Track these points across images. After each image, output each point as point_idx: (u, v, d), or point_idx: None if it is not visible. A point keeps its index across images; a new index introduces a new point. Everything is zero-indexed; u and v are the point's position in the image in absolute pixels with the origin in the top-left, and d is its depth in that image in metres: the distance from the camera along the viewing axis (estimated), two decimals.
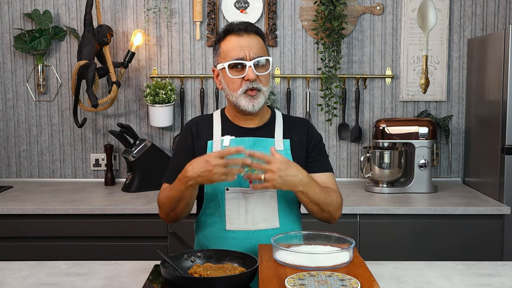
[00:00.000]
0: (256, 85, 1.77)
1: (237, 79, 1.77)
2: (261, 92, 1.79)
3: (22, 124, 3.40)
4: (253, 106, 1.78)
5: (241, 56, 1.76)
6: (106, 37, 3.06)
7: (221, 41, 1.81)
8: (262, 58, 1.78)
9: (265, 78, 1.80)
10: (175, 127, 3.38)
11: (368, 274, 1.46)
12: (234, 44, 1.77)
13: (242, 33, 1.78)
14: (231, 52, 1.77)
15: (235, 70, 1.77)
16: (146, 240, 2.77)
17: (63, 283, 1.68)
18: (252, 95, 1.77)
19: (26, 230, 2.78)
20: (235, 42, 1.77)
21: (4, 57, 3.36)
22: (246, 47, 1.76)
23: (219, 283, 1.48)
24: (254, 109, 1.79)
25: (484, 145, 3.07)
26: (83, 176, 3.43)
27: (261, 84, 1.78)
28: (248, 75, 1.75)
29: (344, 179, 3.39)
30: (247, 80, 1.76)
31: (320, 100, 3.34)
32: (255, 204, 1.79)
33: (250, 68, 1.75)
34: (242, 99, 1.78)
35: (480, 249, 2.77)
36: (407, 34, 3.31)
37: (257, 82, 1.77)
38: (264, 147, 1.82)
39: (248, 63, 1.75)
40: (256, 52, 1.77)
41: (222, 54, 1.80)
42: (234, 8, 3.29)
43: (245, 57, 1.76)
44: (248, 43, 1.77)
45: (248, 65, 1.75)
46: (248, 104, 1.78)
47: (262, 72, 1.78)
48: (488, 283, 1.68)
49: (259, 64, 1.78)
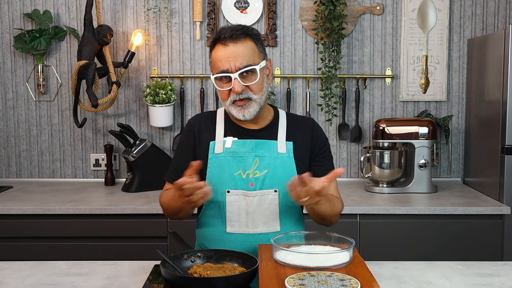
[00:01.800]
0: (244, 95, 1.73)
1: (225, 90, 1.75)
2: (253, 101, 1.75)
3: (22, 124, 3.40)
4: (243, 115, 1.76)
5: (226, 68, 1.71)
6: (106, 37, 3.06)
7: (212, 50, 1.78)
8: (249, 68, 1.71)
9: (256, 86, 1.75)
10: (175, 127, 3.38)
11: (368, 274, 1.46)
12: (220, 55, 1.73)
13: (228, 42, 1.72)
14: (217, 63, 1.74)
15: (222, 82, 1.75)
16: (146, 240, 2.77)
17: (63, 283, 1.68)
18: (240, 105, 1.75)
19: (26, 230, 2.78)
20: (220, 53, 1.73)
21: (4, 57, 3.36)
22: (231, 57, 1.71)
23: (219, 283, 1.48)
24: (245, 118, 1.77)
25: (484, 145, 3.07)
26: (83, 176, 3.43)
27: (250, 93, 1.74)
28: (234, 88, 1.72)
29: (344, 179, 3.39)
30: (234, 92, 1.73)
31: (320, 100, 3.34)
32: (256, 207, 1.79)
33: (235, 80, 1.71)
34: (232, 109, 1.77)
35: (480, 249, 2.77)
36: (407, 34, 3.31)
37: (246, 92, 1.74)
38: (266, 149, 1.81)
39: (233, 75, 1.71)
40: (242, 61, 1.71)
41: (212, 64, 1.78)
42: (234, 8, 3.29)
43: (230, 69, 1.71)
44: (234, 53, 1.71)
45: (233, 77, 1.71)
46: (239, 114, 1.76)
47: (250, 81, 1.73)
48: (488, 283, 1.68)
49: (248, 74, 1.73)
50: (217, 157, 1.81)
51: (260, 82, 1.76)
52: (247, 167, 1.79)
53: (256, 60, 1.75)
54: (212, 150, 1.81)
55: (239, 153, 1.80)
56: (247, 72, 1.72)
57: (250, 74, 1.73)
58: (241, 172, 1.79)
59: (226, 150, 1.81)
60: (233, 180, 1.79)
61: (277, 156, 1.81)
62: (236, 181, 1.79)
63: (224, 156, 1.80)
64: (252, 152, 1.80)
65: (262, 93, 1.77)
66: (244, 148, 1.81)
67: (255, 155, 1.80)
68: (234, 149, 1.81)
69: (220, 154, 1.80)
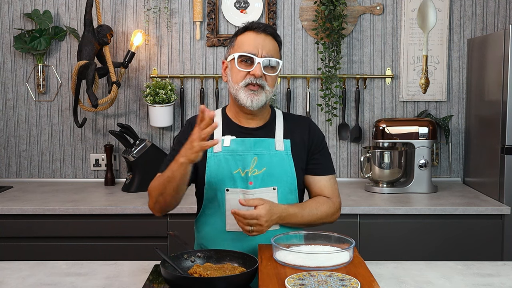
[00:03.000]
0: (260, 81, 1.77)
1: (243, 71, 1.78)
2: (264, 91, 1.78)
3: (22, 124, 3.40)
4: (251, 101, 1.77)
5: (254, 52, 1.77)
6: (106, 37, 3.06)
7: (239, 35, 1.83)
8: (273, 59, 1.79)
9: (271, 79, 1.80)
10: (175, 127, 3.38)
11: (368, 274, 1.46)
12: (250, 39, 1.79)
13: (261, 32, 1.80)
14: (246, 45, 1.79)
15: (243, 63, 1.78)
16: (146, 240, 2.77)
17: (63, 283, 1.68)
18: (253, 89, 1.77)
19: (26, 230, 2.78)
20: (251, 37, 1.80)
21: (4, 57, 3.36)
22: (260, 44, 1.78)
23: (219, 283, 1.48)
24: (252, 104, 1.77)
25: (484, 145, 3.07)
26: (83, 176, 3.43)
27: (265, 82, 1.78)
28: (255, 70, 1.76)
29: (344, 179, 3.39)
30: (253, 75, 1.76)
31: (320, 100, 3.34)
32: None
33: (258, 65, 1.76)
34: (242, 92, 1.78)
35: (480, 249, 2.77)
36: (407, 34, 3.31)
37: (262, 79, 1.77)
38: (265, 148, 1.82)
39: (258, 59, 1.76)
40: (268, 52, 1.79)
41: (236, 46, 1.81)
42: (234, 8, 3.29)
43: (257, 53, 1.77)
44: (264, 42, 1.79)
45: (257, 61, 1.76)
46: (247, 99, 1.77)
47: (269, 73, 1.79)
48: (488, 283, 1.68)
49: (269, 65, 1.78)
50: (216, 155, 1.81)
51: (275, 78, 1.82)
52: (246, 165, 1.80)
53: (279, 57, 1.84)
54: (211, 149, 1.81)
55: (237, 152, 1.81)
56: (269, 63, 1.78)
57: (270, 67, 1.79)
58: (240, 170, 1.79)
59: (225, 149, 1.81)
60: (232, 179, 1.79)
61: (276, 154, 1.82)
62: (235, 179, 1.79)
63: (223, 154, 1.81)
64: (250, 151, 1.81)
65: (273, 88, 1.82)
66: (242, 146, 1.81)
67: (253, 153, 1.81)
68: (232, 147, 1.81)
69: (219, 153, 1.81)
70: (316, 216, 1.80)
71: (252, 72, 1.76)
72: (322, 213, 1.82)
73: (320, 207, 1.82)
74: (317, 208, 1.82)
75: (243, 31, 1.82)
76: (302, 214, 1.78)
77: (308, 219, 1.79)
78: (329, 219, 1.84)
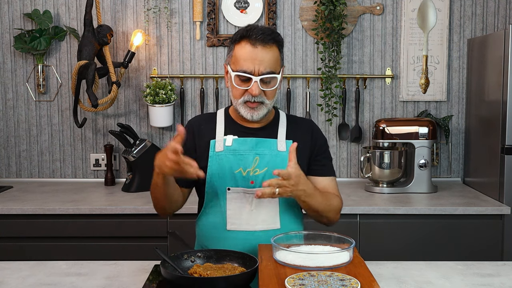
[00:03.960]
0: (258, 99, 1.75)
1: (241, 89, 1.76)
2: (264, 105, 1.78)
3: (22, 124, 3.40)
4: (251, 116, 1.78)
5: (250, 70, 1.73)
6: (106, 37, 3.06)
7: (236, 44, 1.77)
8: (270, 76, 1.74)
9: (271, 93, 1.78)
10: (175, 127, 3.38)
11: (368, 274, 1.46)
12: (246, 54, 1.73)
13: (258, 44, 1.73)
14: (242, 62, 1.74)
15: (241, 80, 1.75)
16: (146, 240, 2.77)
17: (63, 283, 1.68)
18: (252, 107, 1.77)
19: (26, 230, 2.78)
20: (247, 52, 1.73)
21: (4, 57, 3.36)
22: (257, 60, 1.72)
23: (219, 283, 1.48)
24: (253, 118, 1.79)
25: (484, 145, 3.07)
26: (83, 176, 3.43)
27: (264, 98, 1.77)
28: (252, 89, 1.74)
29: (344, 179, 3.39)
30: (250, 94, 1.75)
31: (320, 100, 3.34)
32: (256, 204, 1.80)
33: (255, 84, 1.73)
34: (242, 108, 1.78)
35: (480, 249, 2.77)
36: (407, 34, 3.31)
37: (260, 96, 1.76)
38: (267, 148, 1.82)
39: (255, 78, 1.73)
40: (267, 67, 1.73)
41: (234, 59, 1.77)
42: (234, 8, 3.28)
43: (253, 71, 1.73)
44: (261, 56, 1.73)
45: (254, 80, 1.73)
46: (247, 114, 1.78)
47: (268, 88, 1.76)
48: (488, 283, 1.68)
49: (267, 80, 1.75)
50: (218, 155, 1.81)
51: (275, 90, 1.79)
52: (248, 165, 1.80)
53: (278, 68, 1.78)
54: (213, 148, 1.82)
55: (239, 151, 1.81)
56: (267, 78, 1.74)
57: (269, 81, 1.76)
58: (242, 170, 1.79)
59: (227, 148, 1.82)
60: (234, 178, 1.80)
61: (277, 154, 1.82)
62: (236, 179, 1.80)
63: (224, 154, 1.81)
64: (252, 150, 1.81)
65: (273, 100, 1.81)
66: (244, 146, 1.82)
67: (255, 153, 1.81)
68: (234, 147, 1.82)
69: (221, 152, 1.81)
70: (329, 206, 1.80)
71: (249, 90, 1.74)
72: (333, 206, 1.82)
73: (332, 200, 1.83)
74: (331, 199, 1.83)
75: (240, 39, 1.76)
76: (321, 199, 1.77)
77: (323, 205, 1.77)
78: (334, 214, 1.84)
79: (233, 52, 1.78)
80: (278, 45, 1.78)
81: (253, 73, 1.73)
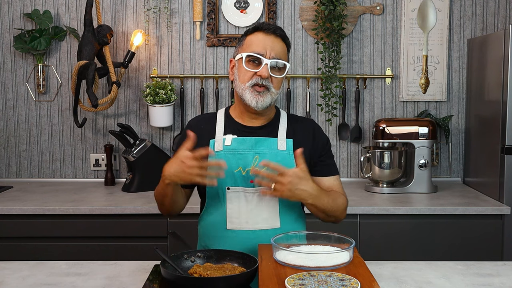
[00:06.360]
0: (266, 82, 1.78)
1: (250, 71, 1.78)
2: (269, 92, 1.79)
3: (22, 124, 3.40)
4: (256, 102, 1.78)
5: (262, 52, 1.78)
6: (106, 37, 3.06)
7: (248, 35, 1.83)
8: (281, 61, 1.79)
9: (277, 81, 1.81)
10: (175, 127, 3.38)
11: (368, 274, 1.46)
12: (259, 40, 1.80)
13: (271, 33, 1.81)
14: (254, 45, 1.79)
15: (251, 63, 1.79)
16: (146, 240, 2.77)
17: (63, 283, 1.68)
18: (259, 91, 1.78)
19: (26, 230, 2.78)
20: (260, 38, 1.80)
21: (4, 57, 3.36)
22: (269, 45, 1.79)
23: (219, 283, 1.48)
24: (257, 105, 1.79)
25: (484, 145, 3.07)
26: (83, 176, 3.43)
27: (271, 84, 1.79)
28: (262, 71, 1.77)
29: (344, 179, 3.38)
30: (259, 76, 1.77)
31: (320, 100, 3.34)
32: (256, 204, 1.80)
33: (265, 66, 1.77)
34: (248, 92, 1.79)
35: (480, 249, 2.77)
36: (407, 34, 3.31)
37: (268, 81, 1.78)
38: (266, 147, 1.82)
39: (266, 60, 1.77)
40: (277, 53, 1.79)
41: (245, 45, 1.82)
42: (234, 8, 3.29)
43: (265, 54, 1.78)
44: (273, 43, 1.80)
45: (265, 62, 1.77)
46: (253, 99, 1.78)
47: (276, 75, 1.79)
48: (488, 283, 1.68)
49: (276, 67, 1.79)
50: (217, 154, 1.81)
51: (281, 80, 1.83)
52: (247, 164, 1.80)
53: (286, 60, 1.84)
54: (213, 148, 1.82)
55: (238, 151, 1.81)
56: (277, 64, 1.79)
57: (277, 69, 1.80)
58: (241, 169, 1.80)
59: (226, 148, 1.82)
60: (233, 177, 1.80)
61: (277, 153, 1.82)
62: (236, 178, 1.80)
63: (224, 153, 1.81)
64: (252, 149, 1.81)
65: (278, 90, 1.83)
66: (243, 145, 1.82)
67: (255, 152, 1.81)
68: (233, 146, 1.82)
69: (220, 152, 1.82)
70: (336, 206, 1.80)
71: (259, 72, 1.77)
72: (339, 205, 1.82)
73: (338, 199, 1.83)
74: (337, 198, 1.83)
75: (253, 31, 1.83)
76: (328, 199, 1.77)
77: (330, 205, 1.78)
78: (341, 213, 1.84)
79: (245, 41, 1.83)
80: (286, 44, 1.85)
81: (264, 56, 1.78)
